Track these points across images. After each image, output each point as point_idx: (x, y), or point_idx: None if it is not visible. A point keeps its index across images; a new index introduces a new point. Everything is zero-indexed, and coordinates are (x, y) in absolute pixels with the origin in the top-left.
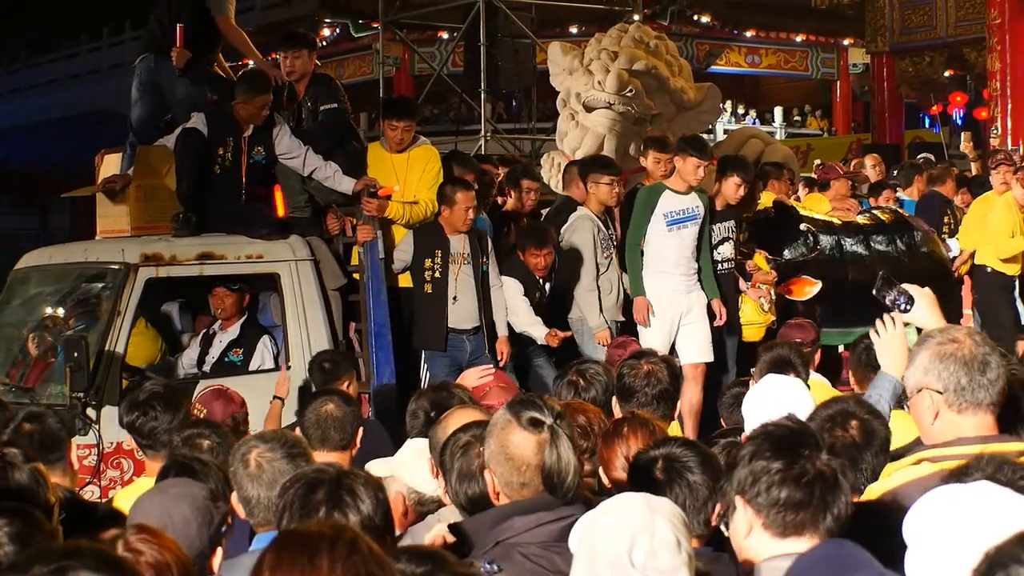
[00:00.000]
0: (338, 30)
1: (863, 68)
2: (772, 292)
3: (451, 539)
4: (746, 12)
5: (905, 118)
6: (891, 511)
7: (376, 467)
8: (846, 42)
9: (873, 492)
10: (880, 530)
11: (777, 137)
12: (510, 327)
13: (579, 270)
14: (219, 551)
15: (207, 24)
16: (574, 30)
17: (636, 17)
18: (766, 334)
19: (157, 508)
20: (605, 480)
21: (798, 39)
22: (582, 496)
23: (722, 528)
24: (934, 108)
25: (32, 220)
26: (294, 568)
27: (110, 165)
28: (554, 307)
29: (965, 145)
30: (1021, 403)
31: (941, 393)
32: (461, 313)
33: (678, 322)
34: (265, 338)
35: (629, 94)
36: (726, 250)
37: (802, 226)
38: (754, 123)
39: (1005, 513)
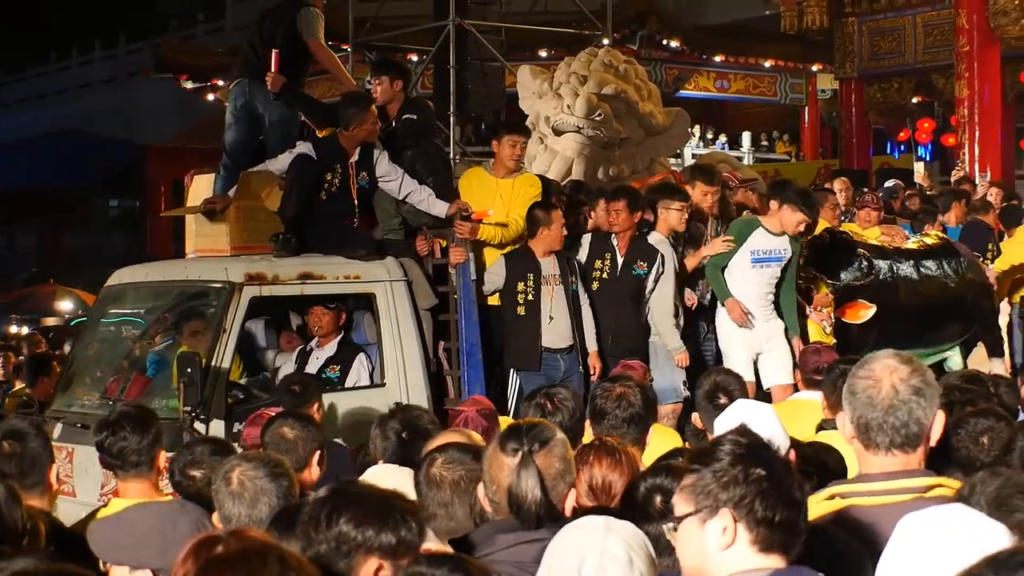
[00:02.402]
0: None
1: (831, 94)
2: (832, 315)
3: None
4: (715, 37)
5: (873, 144)
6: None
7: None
8: (815, 68)
9: None
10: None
11: (745, 162)
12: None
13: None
14: None
15: (299, 48)
16: (544, 54)
17: (605, 41)
18: None
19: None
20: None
21: (767, 64)
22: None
23: (670, 537)
24: (902, 134)
25: None
26: None
27: (200, 185)
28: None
29: (920, 176)
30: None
31: (852, 425)
32: (556, 333)
33: (757, 349)
34: (361, 356)
35: (598, 118)
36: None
37: (858, 251)
38: (722, 148)
39: (976, 536)
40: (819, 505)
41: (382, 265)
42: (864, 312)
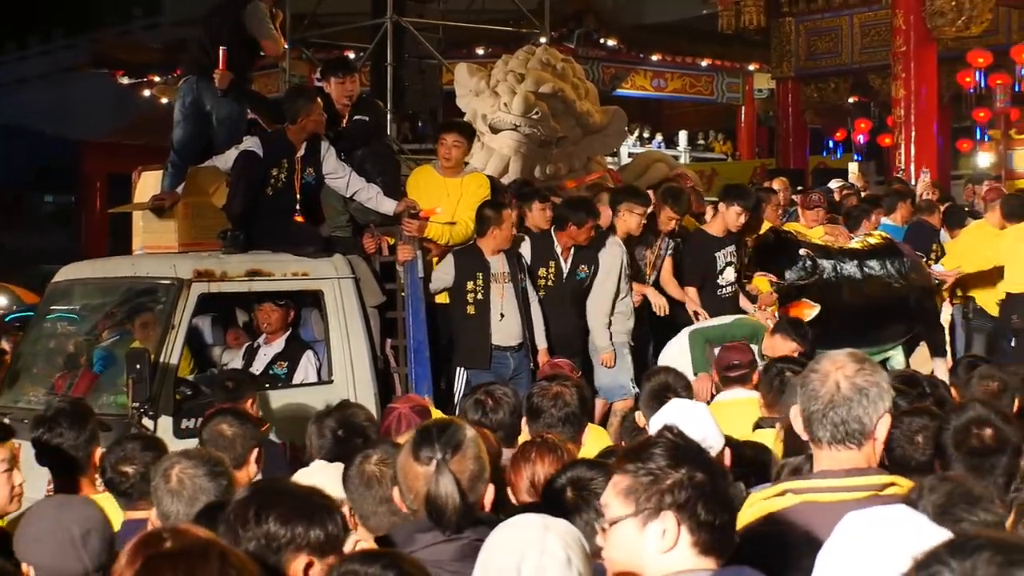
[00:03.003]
0: None
1: (768, 93)
2: (776, 315)
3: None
4: (652, 36)
5: (809, 144)
6: (757, 541)
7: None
8: (751, 67)
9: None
10: (745, 560)
11: (682, 161)
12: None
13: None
14: None
15: (246, 45)
16: (481, 52)
17: (543, 40)
18: None
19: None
20: (514, 501)
21: (704, 64)
22: (487, 519)
23: (599, 536)
24: (838, 134)
25: None
26: None
27: (148, 182)
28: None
29: (853, 176)
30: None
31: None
32: (507, 330)
33: None
34: (309, 352)
35: (535, 116)
36: (729, 274)
37: (801, 250)
38: (659, 147)
39: (917, 538)
40: (770, 501)
41: (330, 262)
42: (808, 311)
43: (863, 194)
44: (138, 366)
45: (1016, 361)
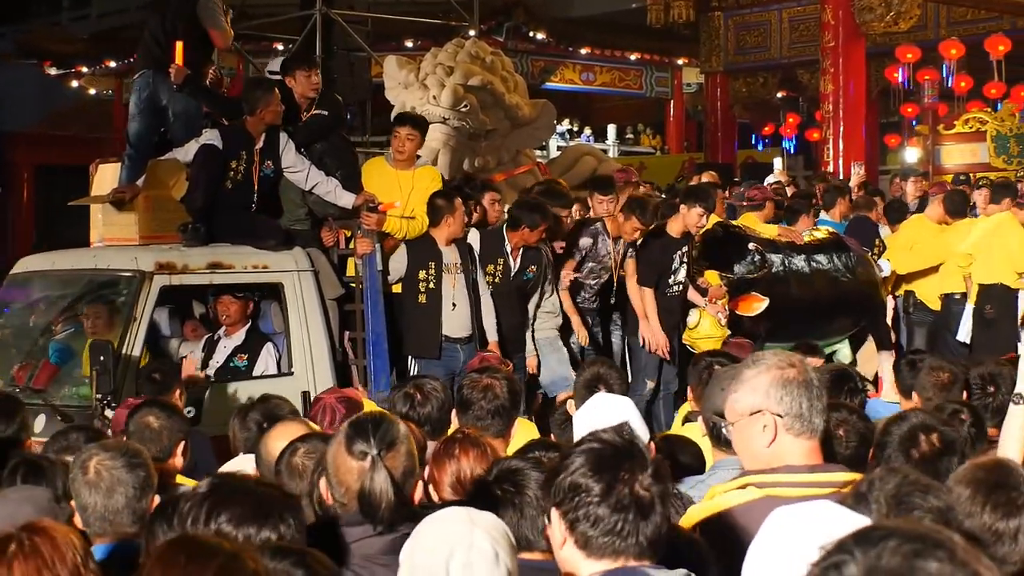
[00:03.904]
0: None
1: (697, 88)
2: (726, 307)
3: None
4: (581, 30)
5: (738, 138)
6: (716, 535)
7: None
8: (680, 61)
9: (694, 515)
10: (702, 553)
11: (610, 154)
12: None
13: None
14: None
15: (201, 38)
16: (410, 44)
17: (472, 33)
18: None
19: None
20: (435, 497)
21: (632, 58)
22: (419, 513)
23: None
24: (767, 129)
25: None
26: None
27: (106, 175)
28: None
29: (777, 171)
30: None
31: (782, 417)
32: (458, 321)
33: None
34: (269, 344)
35: (464, 109)
36: (681, 274)
37: (750, 245)
38: (588, 140)
39: (842, 531)
40: (729, 495)
41: (290, 255)
42: (757, 305)
43: (788, 190)
44: (102, 357)
45: (978, 348)
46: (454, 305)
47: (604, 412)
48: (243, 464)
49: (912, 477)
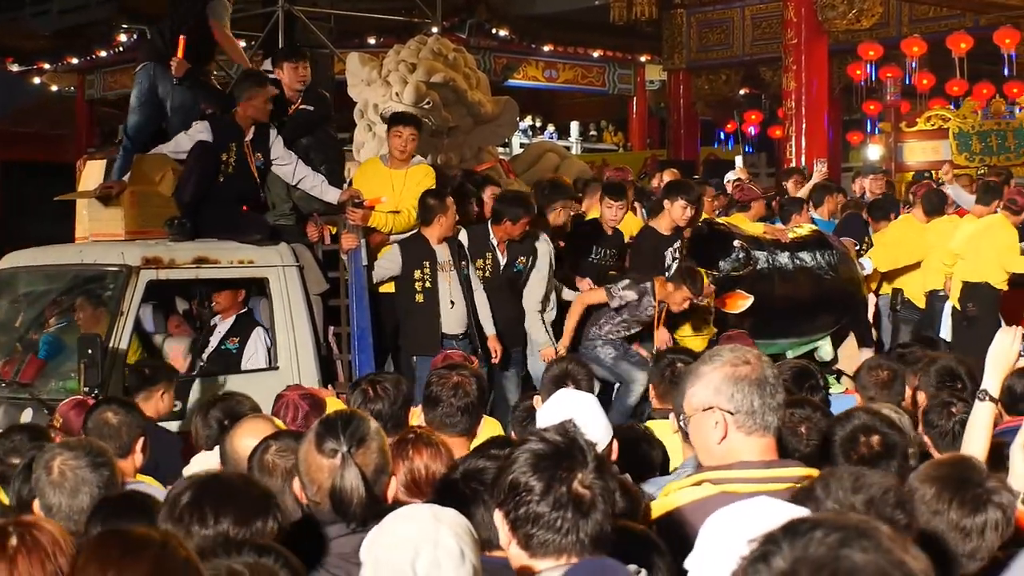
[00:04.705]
0: (135, 36)
1: (659, 85)
2: (712, 306)
3: None
4: (544, 27)
5: (700, 135)
6: (672, 531)
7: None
8: (643, 59)
9: (651, 511)
10: (655, 548)
11: (573, 152)
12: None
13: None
14: None
15: (206, 35)
16: (372, 41)
17: (435, 29)
18: (708, 346)
19: None
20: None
21: (595, 55)
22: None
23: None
24: (729, 126)
25: None
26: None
27: (92, 170)
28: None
29: (739, 169)
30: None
31: (732, 414)
32: (456, 317)
33: None
34: (259, 329)
35: (426, 106)
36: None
37: (735, 242)
38: (551, 137)
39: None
40: (685, 491)
41: (275, 250)
42: (742, 302)
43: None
44: (90, 351)
45: (960, 347)
46: (452, 303)
47: (566, 409)
48: (207, 461)
49: (865, 475)
